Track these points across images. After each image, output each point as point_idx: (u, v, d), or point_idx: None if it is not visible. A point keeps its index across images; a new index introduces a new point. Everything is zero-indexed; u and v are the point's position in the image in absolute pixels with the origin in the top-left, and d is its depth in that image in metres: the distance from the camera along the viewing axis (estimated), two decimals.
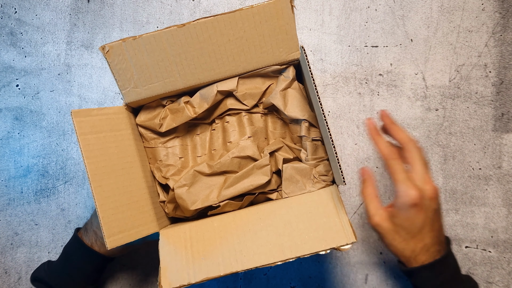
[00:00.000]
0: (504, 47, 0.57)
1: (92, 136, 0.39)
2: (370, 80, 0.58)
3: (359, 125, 0.58)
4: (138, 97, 0.43)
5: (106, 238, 0.37)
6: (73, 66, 0.61)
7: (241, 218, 0.43)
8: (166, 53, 0.40)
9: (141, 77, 0.41)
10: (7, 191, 0.60)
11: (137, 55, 0.40)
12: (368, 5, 0.59)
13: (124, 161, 0.42)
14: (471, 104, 0.57)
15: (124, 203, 0.41)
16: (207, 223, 0.43)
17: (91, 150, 0.38)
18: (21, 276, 0.59)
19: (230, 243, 0.40)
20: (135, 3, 0.62)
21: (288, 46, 0.41)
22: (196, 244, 0.41)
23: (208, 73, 0.42)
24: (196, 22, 0.38)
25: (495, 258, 0.55)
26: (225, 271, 0.38)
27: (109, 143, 0.41)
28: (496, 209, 0.55)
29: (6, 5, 0.62)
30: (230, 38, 0.40)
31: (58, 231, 0.60)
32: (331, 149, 0.38)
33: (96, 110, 0.40)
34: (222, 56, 0.41)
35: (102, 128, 0.40)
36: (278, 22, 0.39)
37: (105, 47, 0.39)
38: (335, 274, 0.57)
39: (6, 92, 0.61)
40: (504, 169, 0.56)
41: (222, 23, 0.39)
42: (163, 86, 0.42)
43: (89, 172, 0.37)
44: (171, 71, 0.41)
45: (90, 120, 0.39)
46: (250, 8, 0.38)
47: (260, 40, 0.40)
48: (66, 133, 0.61)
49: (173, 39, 0.39)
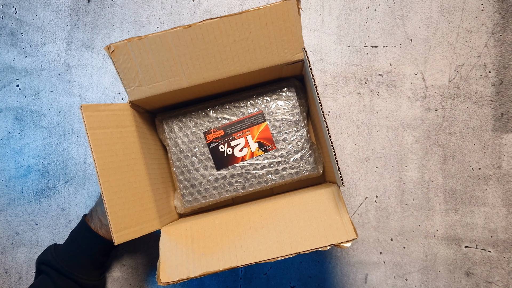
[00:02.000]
0: (503, 47, 0.57)
1: (100, 131, 0.39)
2: (370, 80, 0.58)
3: (358, 125, 0.58)
4: (143, 95, 0.43)
5: (114, 233, 0.38)
6: (73, 66, 0.62)
7: (242, 216, 0.43)
8: (171, 53, 0.40)
9: (146, 76, 0.42)
10: (7, 191, 0.60)
11: (142, 54, 0.40)
12: (368, 5, 0.59)
13: (129, 157, 0.43)
14: (470, 104, 0.57)
15: (130, 199, 0.41)
16: (209, 220, 0.43)
17: (99, 145, 0.39)
18: (22, 276, 0.59)
19: (231, 240, 0.40)
20: (135, 3, 0.62)
21: (293, 47, 0.41)
22: (197, 241, 0.41)
23: (213, 73, 0.42)
24: (202, 23, 0.38)
25: (494, 258, 0.55)
26: (225, 266, 0.38)
27: (116, 139, 0.41)
28: (495, 209, 0.55)
29: (7, 5, 0.62)
30: (236, 38, 0.40)
31: (58, 231, 0.60)
32: (331, 150, 0.38)
33: (104, 105, 0.41)
34: (227, 56, 0.41)
35: (109, 123, 0.41)
36: (284, 24, 0.39)
37: (110, 46, 0.39)
38: (335, 274, 0.57)
39: (7, 92, 0.61)
40: (504, 169, 0.56)
41: (228, 24, 0.39)
42: (167, 85, 0.43)
43: (98, 167, 0.38)
44: (176, 71, 0.42)
45: (98, 115, 0.40)
46: (257, 10, 0.38)
47: (266, 41, 0.40)
48: (67, 133, 0.61)
49: (178, 39, 0.40)
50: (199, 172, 0.52)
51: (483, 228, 0.55)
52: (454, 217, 0.56)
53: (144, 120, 0.50)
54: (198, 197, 0.52)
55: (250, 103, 0.52)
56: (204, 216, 0.47)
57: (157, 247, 0.43)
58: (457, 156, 0.57)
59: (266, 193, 0.55)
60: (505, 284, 0.55)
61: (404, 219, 0.57)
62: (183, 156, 0.52)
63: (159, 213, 0.45)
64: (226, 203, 0.56)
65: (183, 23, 0.61)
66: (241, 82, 0.48)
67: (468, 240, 0.56)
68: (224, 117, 0.52)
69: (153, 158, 0.49)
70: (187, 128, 0.52)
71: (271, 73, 0.47)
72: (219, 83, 0.45)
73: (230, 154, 0.52)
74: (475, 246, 0.56)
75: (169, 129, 0.52)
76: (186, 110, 0.52)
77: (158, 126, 0.53)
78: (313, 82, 0.38)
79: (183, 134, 0.52)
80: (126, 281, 0.58)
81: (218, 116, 0.52)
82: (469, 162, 0.56)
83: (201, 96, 0.51)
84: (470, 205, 0.56)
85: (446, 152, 0.57)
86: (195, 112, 0.52)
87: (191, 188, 0.52)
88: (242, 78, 0.45)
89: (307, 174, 0.51)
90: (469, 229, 0.56)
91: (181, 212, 0.53)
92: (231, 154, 0.52)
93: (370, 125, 0.58)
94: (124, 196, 0.40)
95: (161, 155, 0.54)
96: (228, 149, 0.52)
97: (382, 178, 0.58)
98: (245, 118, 0.52)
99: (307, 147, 0.51)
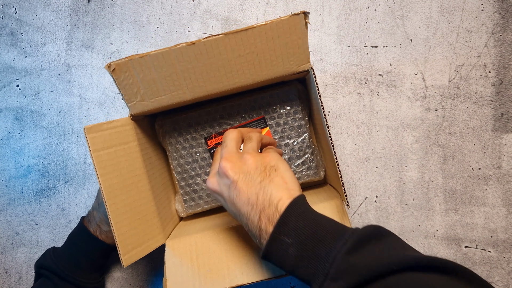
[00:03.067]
0: (503, 47, 0.57)
1: (104, 152, 0.39)
2: (369, 80, 0.58)
3: (358, 125, 0.58)
4: (145, 109, 0.43)
5: (122, 256, 0.38)
6: (73, 66, 0.62)
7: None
8: (175, 68, 0.40)
9: (148, 91, 0.41)
10: (7, 191, 0.60)
11: (144, 71, 0.40)
12: (368, 5, 0.59)
13: (133, 174, 0.42)
14: (470, 104, 0.57)
15: (136, 218, 0.41)
16: (213, 234, 0.43)
17: (104, 167, 0.38)
18: (22, 276, 0.59)
19: (236, 255, 0.40)
20: (135, 3, 0.62)
21: (299, 59, 0.41)
22: (202, 256, 0.41)
23: (216, 86, 0.42)
24: (206, 40, 0.38)
25: (494, 258, 0.55)
26: (231, 284, 0.38)
27: (119, 157, 0.41)
28: (495, 209, 0.56)
29: (7, 5, 0.62)
30: (241, 53, 0.39)
31: (58, 231, 0.60)
32: (331, 151, 0.38)
33: (106, 124, 0.40)
34: (232, 70, 0.40)
35: (112, 142, 0.40)
36: (291, 37, 0.39)
37: (110, 65, 0.38)
38: None
39: (7, 92, 0.61)
40: (504, 169, 0.56)
41: (234, 40, 0.38)
42: (170, 98, 0.42)
43: (104, 190, 0.38)
44: (179, 85, 0.41)
45: (101, 135, 0.39)
46: (263, 25, 0.37)
47: (271, 54, 0.40)
48: (67, 133, 0.61)
49: (182, 56, 0.39)
50: (201, 177, 0.51)
51: (483, 228, 0.55)
52: (454, 217, 0.56)
53: (144, 129, 0.49)
54: (200, 202, 0.52)
55: (252, 107, 0.51)
56: (207, 229, 0.47)
57: (157, 247, 0.43)
58: (457, 156, 0.57)
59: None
60: (505, 284, 0.55)
61: (404, 219, 0.57)
62: (184, 161, 0.51)
63: (162, 225, 0.45)
64: None
65: (183, 23, 0.61)
66: (243, 88, 0.48)
67: (468, 240, 0.56)
68: (226, 122, 0.51)
69: (154, 167, 0.49)
70: (188, 133, 0.51)
71: (274, 79, 0.47)
72: (222, 93, 0.44)
73: None
74: (475, 246, 0.56)
75: (169, 134, 0.51)
76: (186, 115, 0.51)
77: (158, 130, 0.52)
78: (316, 90, 0.38)
79: (184, 139, 0.51)
80: (126, 281, 0.58)
81: (220, 120, 0.51)
82: (469, 162, 0.56)
83: (202, 100, 0.50)
84: (470, 205, 0.56)
85: (446, 152, 0.57)
86: (195, 117, 0.51)
87: (193, 193, 0.52)
88: (245, 87, 0.45)
89: (309, 179, 0.51)
90: (469, 229, 0.56)
91: (183, 216, 0.53)
92: None
93: (370, 125, 0.58)
94: (130, 216, 0.40)
95: (161, 159, 0.53)
96: None
97: (382, 178, 0.58)
98: (247, 123, 0.51)
99: (309, 152, 0.51)
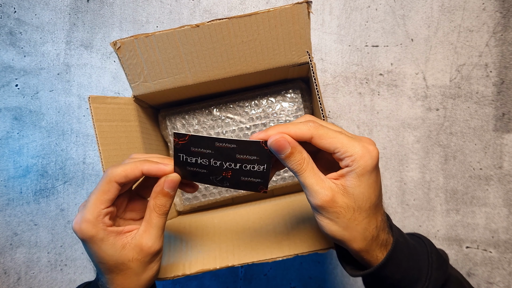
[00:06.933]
0: (505, 46, 0.56)
1: (106, 123, 0.40)
2: (370, 80, 0.58)
3: (359, 125, 0.58)
4: (147, 91, 0.44)
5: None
6: (72, 65, 0.61)
7: (242, 217, 0.43)
8: (178, 50, 0.41)
9: (152, 72, 0.42)
10: (6, 191, 0.60)
11: (148, 51, 0.41)
12: (368, 4, 0.59)
13: (132, 151, 0.43)
14: (472, 104, 0.57)
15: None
16: (208, 219, 0.44)
17: (105, 137, 0.39)
18: (20, 277, 0.59)
19: (229, 239, 0.40)
20: (134, 2, 0.61)
21: (301, 49, 0.42)
22: (195, 238, 0.41)
23: (218, 71, 0.43)
24: (210, 23, 0.39)
25: (496, 258, 0.55)
26: (221, 264, 0.38)
27: (120, 132, 0.42)
28: (497, 209, 0.55)
29: (5, 4, 0.62)
30: (244, 39, 0.40)
31: (57, 231, 0.59)
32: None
33: (110, 98, 0.41)
34: (234, 56, 0.41)
35: (114, 117, 0.41)
36: (293, 27, 0.40)
37: (116, 42, 0.39)
38: (335, 274, 0.57)
39: (5, 92, 0.61)
40: (505, 169, 0.55)
41: (237, 25, 0.39)
42: (172, 81, 0.43)
43: (103, 159, 0.38)
44: (182, 68, 0.42)
45: (104, 108, 0.40)
46: (267, 12, 0.38)
47: (274, 42, 0.41)
48: (66, 133, 0.61)
49: (186, 38, 0.40)
50: None
51: (484, 228, 0.55)
52: (455, 218, 0.56)
53: (147, 115, 0.50)
54: (198, 195, 0.52)
55: (254, 103, 0.51)
56: (203, 214, 0.47)
57: None
58: (458, 156, 0.56)
59: (267, 194, 0.55)
60: (506, 284, 0.54)
61: (405, 220, 0.57)
62: None
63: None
64: (225, 202, 0.55)
65: (183, 23, 0.61)
66: (246, 81, 0.48)
67: (469, 241, 0.55)
68: (228, 116, 0.52)
69: (154, 153, 0.49)
70: (190, 125, 0.52)
71: (277, 74, 0.47)
72: (224, 82, 0.45)
73: None
74: (476, 246, 0.55)
75: (171, 125, 0.52)
76: (189, 108, 0.52)
77: (161, 122, 0.53)
78: (314, 82, 0.38)
79: (186, 131, 0.52)
80: None
81: (222, 114, 0.52)
82: (470, 162, 0.56)
83: (205, 94, 0.51)
84: (471, 205, 0.56)
85: (447, 152, 0.57)
86: (198, 110, 0.52)
87: None
88: (248, 78, 0.46)
89: None
90: (470, 230, 0.55)
91: (180, 209, 0.53)
92: None
93: (370, 125, 0.58)
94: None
95: (162, 151, 0.53)
96: None
97: (383, 178, 0.57)
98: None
99: None
